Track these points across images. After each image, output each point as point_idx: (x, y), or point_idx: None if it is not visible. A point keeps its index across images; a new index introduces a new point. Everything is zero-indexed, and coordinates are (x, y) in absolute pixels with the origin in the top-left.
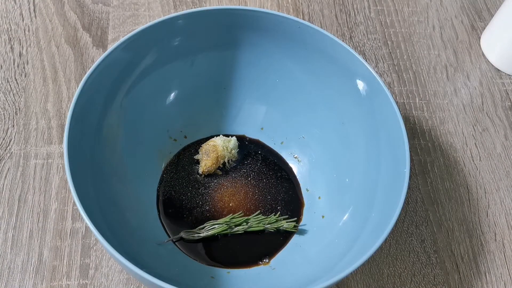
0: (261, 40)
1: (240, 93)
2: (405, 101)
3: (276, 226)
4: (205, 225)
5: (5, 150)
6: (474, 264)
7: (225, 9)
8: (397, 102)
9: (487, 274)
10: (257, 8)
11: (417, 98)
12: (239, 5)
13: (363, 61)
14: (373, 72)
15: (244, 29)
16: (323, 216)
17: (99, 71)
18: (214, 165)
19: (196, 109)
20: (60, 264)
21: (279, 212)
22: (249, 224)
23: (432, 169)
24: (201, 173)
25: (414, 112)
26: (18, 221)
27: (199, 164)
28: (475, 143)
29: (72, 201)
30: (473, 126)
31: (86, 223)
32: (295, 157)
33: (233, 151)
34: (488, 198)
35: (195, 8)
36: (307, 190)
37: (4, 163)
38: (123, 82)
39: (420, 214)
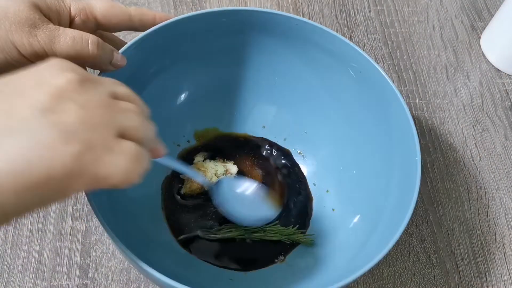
0: (264, 38)
1: (245, 93)
2: (405, 101)
3: (292, 239)
4: (222, 227)
5: None
6: (474, 264)
7: (228, 10)
8: None
9: (487, 274)
10: (269, 10)
11: (417, 98)
12: (239, 5)
13: (367, 56)
14: (376, 65)
15: (247, 30)
16: (333, 209)
17: (107, 74)
18: (198, 189)
19: (201, 108)
20: (60, 264)
21: (297, 225)
22: (265, 233)
23: (432, 169)
24: (183, 193)
25: (414, 112)
26: (18, 221)
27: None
28: (475, 143)
29: (72, 201)
30: (473, 126)
31: (101, 225)
32: (299, 153)
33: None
34: (488, 198)
35: (195, 7)
36: (314, 184)
37: None
38: (131, 85)
39: (420, 214)
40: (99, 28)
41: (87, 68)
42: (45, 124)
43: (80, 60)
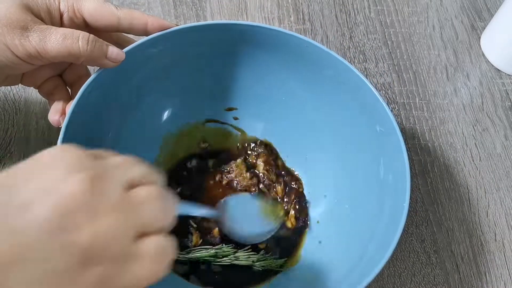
0: (263, 56)
1: (241, 109)
2: (405, 101)
3: (264, 264)
4: (193, 249)
5: (5, 150)
6: (474, 264)
7: (224, 24)
8: (397, 102)
9: (487, 274)
10: (261, 24)
11: (417, 98)
12: (239, 5)
13: (377, 93)
14: (383, 102)
15: (246, 45)
16: (320, 242)
17: (84, 98)
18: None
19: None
20: None
21: (270, 252)
22: (236, 256)
23: (432, 169)
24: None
25: (414, 112)
26: None
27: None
28: (475, 143)
29: None
30: (473, 126)
31: None
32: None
33: None
34: (488, 198)
35: (194, 7)
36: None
37: (4, 163)
38: (112, 111)
39: (420, 214)
40: (88, 29)
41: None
42: (56, 247)
43: (72, 57)
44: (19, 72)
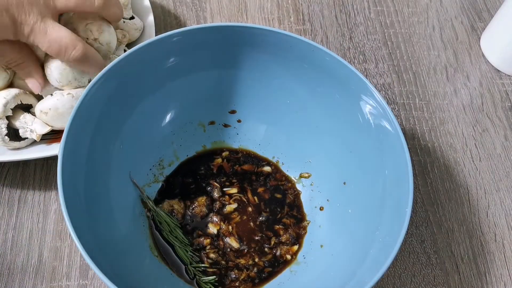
0: (264, 57)
1: (243, 112)
2: (405, 101)
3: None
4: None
5: None
6: (474, 265)
7: (223, 26)
8: (397, 103)
9: (487, 274)
10: (261, 26)
11: (417, 99)
12: (238, 5)
13: (376, 93)
14: (385, 105)
15: (247, 46)
16: (321, 246)
17: (86, 104)
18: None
19: (194, 128)
20: (60, 265)
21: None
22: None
23: (432, 170)
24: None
25: (414, 113)
26: (18, 221)
27: None
28: (475, 144)
29: None
30: (473, 127)
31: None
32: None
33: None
34: (488, 198)
35: (194, 8)
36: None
37: (4, 163)
38: (116, 111)
39: (420, 214)
40: None
41: None
42: None
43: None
44: None
